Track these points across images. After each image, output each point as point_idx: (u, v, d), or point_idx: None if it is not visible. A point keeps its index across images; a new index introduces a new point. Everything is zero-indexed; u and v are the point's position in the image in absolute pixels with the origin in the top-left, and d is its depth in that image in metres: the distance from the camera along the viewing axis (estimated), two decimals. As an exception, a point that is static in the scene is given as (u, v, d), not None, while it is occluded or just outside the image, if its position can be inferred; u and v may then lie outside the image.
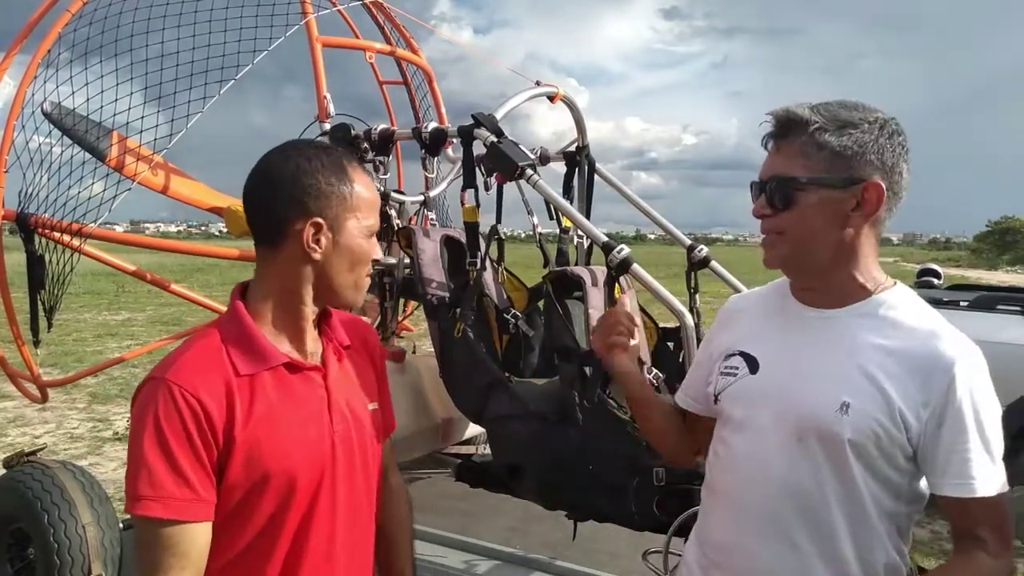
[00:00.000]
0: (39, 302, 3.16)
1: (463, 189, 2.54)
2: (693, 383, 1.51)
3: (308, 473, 1.22)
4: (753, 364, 1.33)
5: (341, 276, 1.27)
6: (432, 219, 3.63)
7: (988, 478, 1.16)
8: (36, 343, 3.33)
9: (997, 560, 1.18)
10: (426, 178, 2.98)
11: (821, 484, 1.22)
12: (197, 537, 1.14)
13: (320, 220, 1.22)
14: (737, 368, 1.34)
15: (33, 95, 3.14)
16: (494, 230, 2.72)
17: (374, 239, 1.30)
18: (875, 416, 1.18)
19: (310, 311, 1.28)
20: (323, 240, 1.23)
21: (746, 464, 1.30)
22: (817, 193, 1.21)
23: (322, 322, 1.34)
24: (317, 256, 1.23)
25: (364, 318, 2.43)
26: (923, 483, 1.24)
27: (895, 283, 1.29)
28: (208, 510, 1.15)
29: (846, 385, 1.20)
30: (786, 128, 1.24)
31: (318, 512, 1.24)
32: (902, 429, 1.18)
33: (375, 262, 1.33)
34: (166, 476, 1.11)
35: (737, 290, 2.45)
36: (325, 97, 2.95)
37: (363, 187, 1.27)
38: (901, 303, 1.26)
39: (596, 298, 2.39)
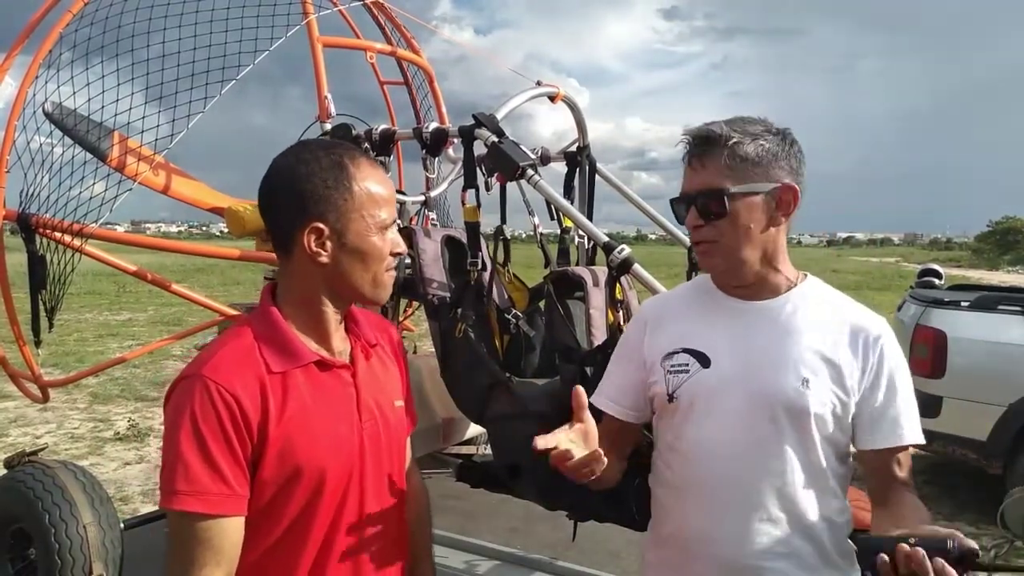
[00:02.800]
0: (40, 302, 3.16)
1: (464, 189, 2.53)
2: (625, 391, 1.53)
3: (338, 470, 1.23)
4: (703, 359, 1.39)
5: (355, 276, 1.25)
6: (433, 219, 3.63)
7: (915, 428, 1.34)
8: (37, 343, 3.33)
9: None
10: (427, 178, 2.98)
11: (788, 458, 1.33)
12: (231, 532, 1.15)
13: (320, 225, 1.20)
14: (687, 364, 1.40)
15: (34, 95, 3.14)
16: (499, 231, 2.70)
17: (389, 232, 1.27)
18: (831, 388, 1.32)
19: (332, 312, 1.28)
20: (328, 244, 1.21)
21: (717, 452, 1.35)
22: (743, 200, 1.32)
23: (349, 321, 1.34)
24: (324, 260, 1.22)
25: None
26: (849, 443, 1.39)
27: (807, 275, 1.45)
28: (242, 505, 1.16)
29: (801, 364, 1.33)
30: (706, 145, 1.34)
31: (347, 508, 1.26)
32: (850, 395, 1.33)
33: (398, 255, 1.29)
34: (202, 471, 1.12)
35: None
36: (326, 97, 2.94)
37: (370, 182, 1.24)
38: (819, 290, 1.43)
39: (597, 298, 2.39)
